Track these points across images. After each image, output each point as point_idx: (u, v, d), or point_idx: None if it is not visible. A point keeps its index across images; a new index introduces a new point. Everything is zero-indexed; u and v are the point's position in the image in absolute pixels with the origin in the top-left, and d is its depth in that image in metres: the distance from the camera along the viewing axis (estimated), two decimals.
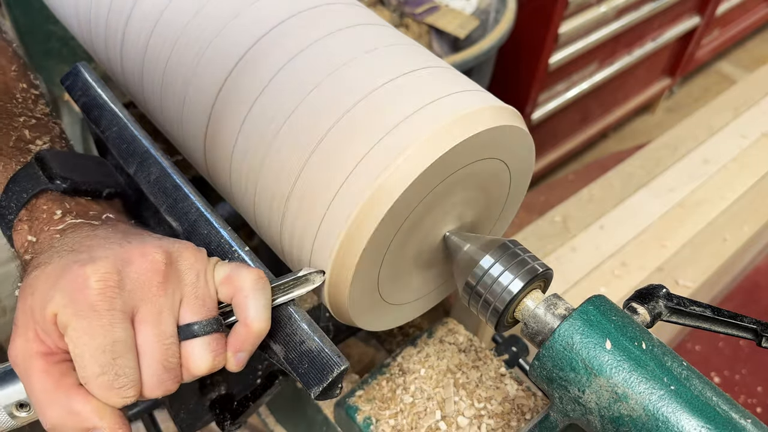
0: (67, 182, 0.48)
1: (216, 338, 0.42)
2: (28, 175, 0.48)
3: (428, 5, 1.62)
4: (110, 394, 0.38)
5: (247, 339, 0.42)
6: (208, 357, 0.41)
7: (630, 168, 1.86)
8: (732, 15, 2.68)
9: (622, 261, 1.55)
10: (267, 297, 0.43)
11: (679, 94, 2.86)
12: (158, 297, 0.40)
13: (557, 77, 1.97)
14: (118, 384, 0.38)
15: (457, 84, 0.49)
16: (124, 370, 0.38)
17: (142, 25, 0.59)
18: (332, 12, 0.54)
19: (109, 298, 0.38)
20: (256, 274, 0.43)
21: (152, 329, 0.39)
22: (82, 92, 0.60)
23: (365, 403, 0.58)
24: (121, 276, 0.39)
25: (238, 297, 0.42)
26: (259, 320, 0.42)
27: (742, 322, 0.49)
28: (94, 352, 0.37)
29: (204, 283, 0.42)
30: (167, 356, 0.40)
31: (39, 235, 0.45)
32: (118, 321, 0.38)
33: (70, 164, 0.50)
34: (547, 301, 0.47)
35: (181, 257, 0.42)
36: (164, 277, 0.40)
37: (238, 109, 0.51)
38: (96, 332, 0.37)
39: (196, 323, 0.41)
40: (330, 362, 0.43)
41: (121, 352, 0.38)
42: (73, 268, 0.38)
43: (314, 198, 0.46)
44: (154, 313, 0.39)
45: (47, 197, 0.48)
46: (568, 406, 0.43)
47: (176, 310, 0.41)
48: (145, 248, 0.40)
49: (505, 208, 0.58)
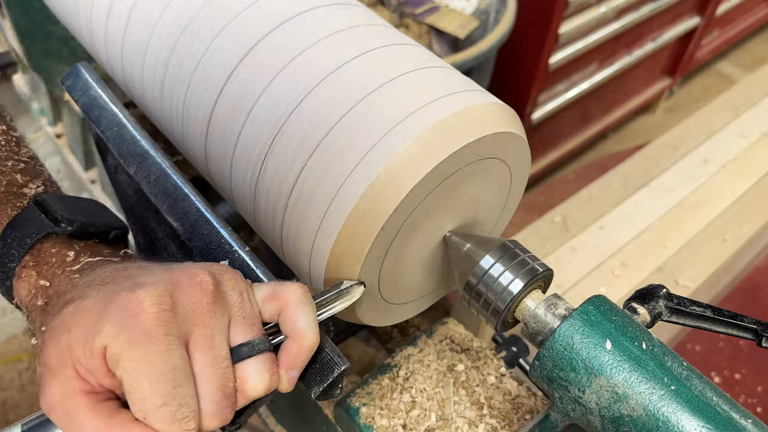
0: (74, 224, 0.46)
1: (269, 357, 0.40)
2: (29, 219, 0.46)
3: (428, 5, 1.62)
4: (173, 427, 0.36)
5: (300, 354, 0.41)
6: (264, 377, 0.39)
7: (630, 168, 1.86)
8: (732, 15, 2.68)
9: (622, 261, 1.56)
10: (313, 310, 0.42)
11: (679, 95, 2.86)
12: (209, 320, 0.38)
13: (557, 77, 1.97)
14: (180, 414, 0.36)
15: (458, 84, 0.49)
16: (185, 400, 0.36)
17: (142, 25, 0.59)
18: (332, 12, 0.54)
19: (165, 323, 0.36)
20: (302, 288, 0.42)
21: (208, 354, 0.37)
22: (82, 92, 0.60)
23: (365, 403, 0.58)
24: (173, 299, 0.37)
25: (287, 312, 0.41)
26: (311, 333, 0.41)
27: (743, 322, 0.49)
28: (154, 381, 0.35)
29: (249, 303, 0.41)
30: (225, 381, 0.38)
31: (53, 279, 0.43)
32: (175, 347, 0.36)
33: (72, 207, 0.48)
34: (547, 301, 0.47)
35: (224, 279, 0.40)
36: (214, 299, 0.38)
37: (239, 110, 0.51)
38: (154, 360, 0.35)
39: (247, 344, 0.39)
40: (330, 362, 0.43)
41: (181, 380, 0.36)
42: (122, 295, 0.36)
43: (314, 198, 0.46)
44: (207, 336, 0.38)
45: (53, 241, 0.45)
46: (569, 406, 0.43)
47: (227, 331, 0.39)
48: (191, 270, 0.39)
49: (505, 208, 0.58)
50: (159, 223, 0.59)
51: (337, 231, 0.45)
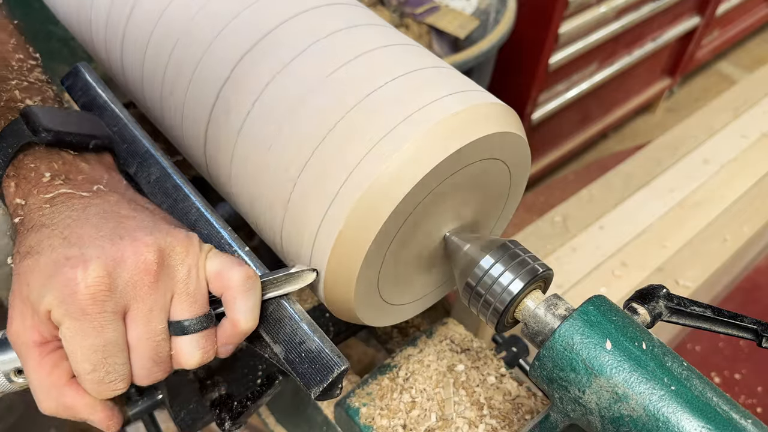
0: (51, 134, 0.47)
1: (206, 335, 0.43)
2: (14, 130, 0.47)
3: (428, 5, 1.62)
4: (101, 388, 0.40)
5: (233, 335, 0.44)
6: (197, 353, 0.43)
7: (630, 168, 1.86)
8: (732, 15, 2.68)
9: (622, 261, 1.55)
10: (255, 297, 0.44)
11: (679, 95, 2.86)
12: (149, 296, 0.40)
13: (557, 77, 1.97)
14: (108, 379, 0.40)
15: (458, 84, 0.49)
16: (114, 367, 0.40)
17: (142, 25, 0.59)
18: (332, 12, 0.54)
19: (100, 302, 0.39)
20: (244, 274, 0.43)
21: (143, 327, 0.40)
22: (82, 92, 0.60)
23: (365, 403, 0.58)
24: (113, 278, 0.39)
25: (227, 295, 0.43)
26: (245, 320, 0.43)
27: (743, 322, 0.49)
28: (85, 351, 0.39)
29: (195, 279, 0.42)
30: (157, 352, 0.41)
31: (27, 198, 0.44)
32: (108, 322, 0.39)
33: (56, 118, 0.49)
34: (547, 301, 0.47)
35: (173, 252, 0.42)
36: (155, 277, 0.40)
37: (239, 110, 0.51)
38: (87, 333, 0.38)
39: (186, 320, 0.42)
40: (330, 362, 0.43)
41: (112, 352, 0.40)
42: (65, 270, 0.39)
43: (314, 198, 0.46)
44: (145, 311, 0.40)
45: (34, 155, 0.47)
46: (569, 407, 0.43)
47: (167, 306, 0.41)
48: (137, 246, 0.40)
49: (505, 208, 0.58)
50: None
51: (337, 231, 0.45)
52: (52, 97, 0.54)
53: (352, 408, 0.58)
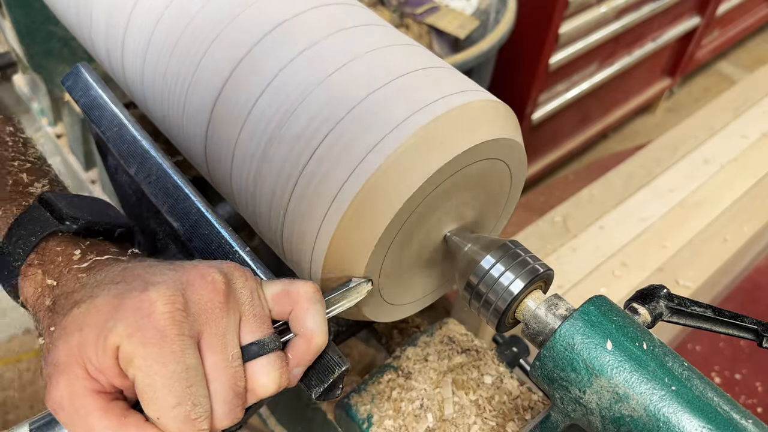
0: (78, 222, 0.45)
1: (278, 356, 0.40)
2: (34, 217, 0.45)
3: (428, 5, 1.62)
4: (186, 426, 0.36)
5: (307, 353, 0.41)
6: (275, 375, 0.39)
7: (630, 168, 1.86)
8: (732, 15, 2.68)
9: (623, 261, 1.55)
10: (324, 309, 0.42)
11: (680, 95, 2.86)
12: (221, 319, 0.38)
13: (557, 77, 1.97)
14: (194, 414, 0.36)
15: (458, 85, 0.49)
16: (199, 399, 0.36)
17: (143, 25, 0.59)
18: (332, 13, 0.54)
19: (178, 323, 0.36)
20: (313, 287, 0.42)
21: (220, 353, 0.37)
22: (82, 92, 0.60)
23: (366, 403, 0.58)
24: (186, 298, 0.37)
25: (297, 310, 0.41)
26: (320, 333, 0.41)
27: (743, 322, 0.49)
28: (167, 381, 0.35)
29: (259, 301, 0.41)
30: (236, 380, 0.38)
31: (60, 279, 0.42)
32: (188, 346, 0.36)
33: (77, 205, 0.47)
34: (547, 301, 0.47)
35: (234, 276, 0.40)
36: (225, 298, 0.38)
37: (239, 110, 0.51)
38: (168, 359, 0.35)
39: (257, 342, 0.39)
40: (331, 363, 0.43)
41: (194, 380, 0.36)
42: (134, 295, 0.36)
43: (315, 199, 0.46)
44: (219, 336, 0.38)
45: (59, 240, 0.45)
46: (569, 407, 0.43)
47: (238, 329, 0.39)
48: (201, 269, 0.39)
49: (505, 207, 0.58)
50: (159, 224, 0.59)
51: (338, 232, 0.45)
52: (55, 177, 0.53)
53: (352, 408, 0.58)
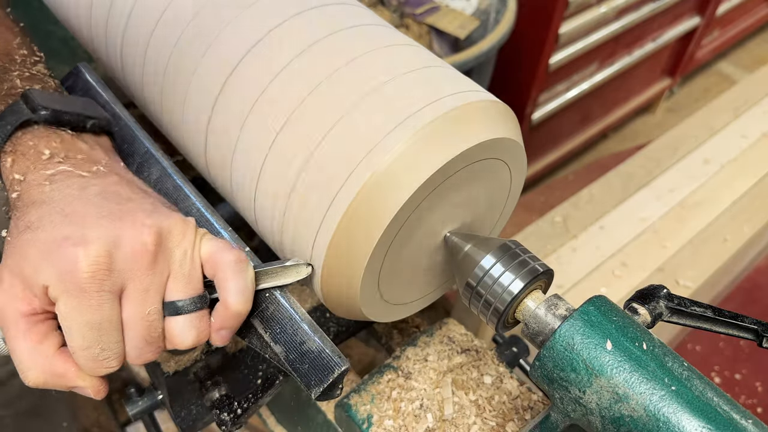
0: (49, 111, 0.48)
1: (200, 315, 0.43)
2: (13, 110, 0.48)
3: (428, 6, 1.62)
4: (94, 365, 0.41)
5: (227, 319, 0.44)
6: (191, 334, 0.43)
7: (630, 168, 1.86)
8: (732, 15, 2.68)
9: (623, 261, 1.55)
10: (246, 279, 0.44)
11: (680, 95, 2.86)
12: (145, 276, 0.41)
13: (557, 77, 1.97)
14: (102, 356, 0.41)
15: (458, 85, 0.49)
16: (108, 345, 0.41)
17: (142, 25, 0.59)
18: (332, 13, 0.54)
19: (98, 281, 0.39)
20: (235, 256, 0.44)
21: (137, 308, 0.41)
22: (82, 93, 0.60)
23: (365, 404, 0.58)
24: (112, 258, 0.40)
25: (218, 276, 0.44)
26: (237, 302, 0.44)
27: (743, 322, 0.49)
28: (81, 327, 0.40)
29: (190, 261, 0.43)
30: (150, 332, 0.42)
31: (26, 175, 0.45)
32: (105, 301, 0.40)
33: (55, 99, 0.50)
34: (547, 301, 0.47)
35: (171, 235, 0.43)
36: (153, 258, 0.41)
37: (239, 110, 0.51)
38: (84, 311, 0.39)
39: (180, 301, 0.42)
40: (330, 363, 0.43)
41: (107, 330, 0.40)
42: (65, 247, 0.39)
43: (314, 199, 0.46)
44: (141, 291, 0.41)
45: (33, 133, 0.47)
46: (569, 407, 0.43)
47: (163, 287, 0.42)
48: (136, 228, 0.41)
49: (505, 208, 0.58)
50: None
51: (338, 232, 0.45)
52: (54, 87, 0.55)
53: (352, 408, 0.58)
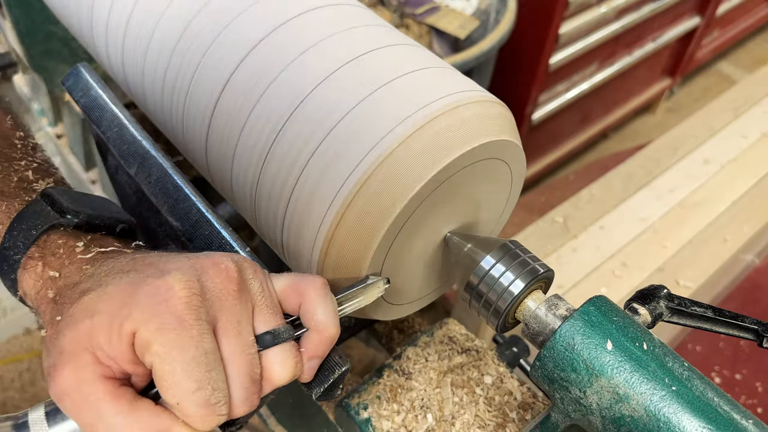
0: (80, 216, 0.45)
1: (293, 345, 0.40)
2: (36, 212, 0.45)
3: (429, 6, 1.62)
4: (206, 411, 0.35)
5: (320, 345, 0.41)
6: (290, 363, 0.40)
7: (630, 168, 1.86)
8: (732, 15, 2.68)
9: (623, 261, 1.55)
10: (334, 302, 0.42)
11: (680, 95, 2.86)
12: (236, 306, 0.38)
13: (557, 77, 1.97)
14: (214, 399, 0.36)
15: (459, 85, 0.49)
16: (218, 384, 0.36)
17: (143, 25, 0.59)
18: (333, 13, 0.54)
19: (195, 308, 0.36)
20: (321, 280, 0.42)
21: (236, 339, 0.37)
22: (83, 93, 0.60)
23: (366, 404, 0.58)
24: (202, 285, 0.37)
25: (307, 303, 0.41)
26: (331, 324, 0.41)
27: (744, 322, 0.49)
28: (187, 366, 0.35)
29: (270, 292, 0.41)
30: (252, 367, 0.38)
31: (62, 270, 0.42)
32: (205, 332, 0.36)
33: (80, 201, 0.47)
34: (548, 301, 0.47)
35: (244, 267, 0.40)
36: (239, 286, 0.38)
37: (240, 110, 0.51)
38: (187, 345, 0.35)
39: (271, 331, 0.40)
40: (331, 363, 0.43)
41: (213, 365, 0.36)
42: (149, 281, 0.36)
43: (315, 199, 0.46)
44: (234, 322, 0.38)
45: (60, 234, 0.45)
46: (570, 407, 0.43)
47: (251, 318, 0.39)
48: (215, 258, 0.39)
49: (505, 208, 0.58)
50: (160, 224, 0.59)
51: (339, 233, 0.45)
52: (61, 179, 0.53)
53: (352, 408, 0.58)
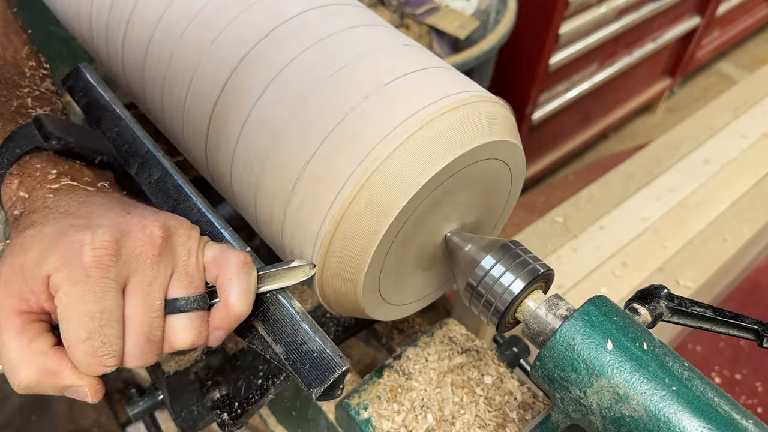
0: (62, 142, 0.49)
1: (200, 315, 0.43)
2: (24, 133, 0.49)
3: (429, 6, 1.62)
4: (92, 361, 0.39)
5: (226, 320, 0.44)
6: (190, 333, 0.42)
7: (630, 168, 1.86)
8: (732, 15, 2.68)
9: (623, 261, 1.55)
10: (250, 282, 0.44)
11: (680, 95, 2.86)
12: (151, 270, 0.40)
13: (558, 78, 1.97)
14: (101, 352, 0.39)
15: (459, 85, 0.49)
16: (109, 339, 0.39)
17: (143, 25, 0.59)
18: (333, 13, 0.54)
19: (104, 267, 0.38)
20: (241, 258, 0.44)
21: (141, 301, 0.40)
22: (83, 93, 0.60)
23: (366, 404, 0.58)
24: (119, 245, 0.39)
25: (222, 278, 0.43)
26: (239, 304, 0.43)
27: (744, 322, 0.49)
28: (82, 317, 0.38)
29: (194, 261, 0.43)
30: (152, 329, 0.41)
31: (31, 192, 0.45)
32: (109, 290, 0.39)
33: (66, 128, 0.50)
34: (548, 301, 0.47)
35: (176, 233, 0.43)
36: (159, 251, 0.41)
37: (240, 110, 0.51)
38: (87, 298, 0.38)
39: (182, 299, 0.42)
40: (331, 363, 0.43)
41: (108, 321, 0.39)
42: (71, 232, 0.39)
43: (315, 200, 0.46)
44: (145, 285, 0.40)
45: (41, 157, 0.48)
46: (570, 407, 0.43)
47: (166, 283, 0.42)
48: (144, 221, 0.41)
49: (505, 207, 0.58)
50: None
51: (339, 233, 0.45)
52: (60, 109, 0.55)
53: (352, 408, 0.58)
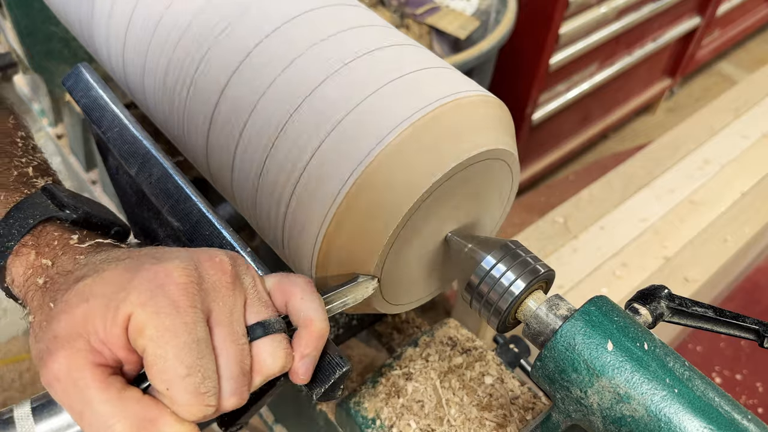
0: (79, 212, 0.46)
1: (284, 336, 0.40)
2: (34, 203, 0.45)
3: (429, 6, 1.62)
4: (194, 401, 0.35)
5: (311, 341, 0.41)
6: (279, 355, 0.40)
7: (630, 168, 1.86)
8: (732, 15, 2.68)
9: (623, 261, 1.55)
10: (320, 298, 0.43)
11: (680, 95, 2.86)
12: (229, 297, 0.39)
13: (558, 78, 1.97)
14: (204, 388, 0.35)
15: (459, 85, 0.49)
16: (208, 373, 0.36)
17: (144, 26, 0.59)
18: (333, 13, 0.54)
19: (191, 295, 0.36)
20: (305, 278, 0.43)
21: (228, 329, 0.38)
22: (83, 93, 0.60)
23: (366, 404, 0.58)
24: (199, 274, 0.38)
25: (293, 301, 0.42)
26: (319, 320, 0.41)
27: (744, 322, 0.49)
28: (179, 351, 0.35)
29: (262, 287, 0.42)
30: (243, 357, 0.38)
31: (55, 260, 0.42)
32: (199, 320, 0.36)
33: (78, 199, 0.48)
34: (549, 301, 0.47)
35: (237, 262, 0.41)
36: (233, 278, 0.39)
37: (241, 110, 0.51)
38: (180, 330, 0.35)
39: (262, 323, 0.40)
40: (332, 363, 0.43)
41: (204, 353, 0.36)
42: (147, 267, 0.37)
43: (316, 200, 0.46)
44: (227, 312, 0.38)
45: (56, 226, 0.45)
46: (570, 407, 0.43)
47: (243, 309, 0.40)
48: (209, 252, 0.40)
49: (505, 207, 0.58)
50: (160, 224, 0.59)
51: (340, 233, 0.45)
52: (58, 181, 0.53)
53: (353, 408, 0.58)
